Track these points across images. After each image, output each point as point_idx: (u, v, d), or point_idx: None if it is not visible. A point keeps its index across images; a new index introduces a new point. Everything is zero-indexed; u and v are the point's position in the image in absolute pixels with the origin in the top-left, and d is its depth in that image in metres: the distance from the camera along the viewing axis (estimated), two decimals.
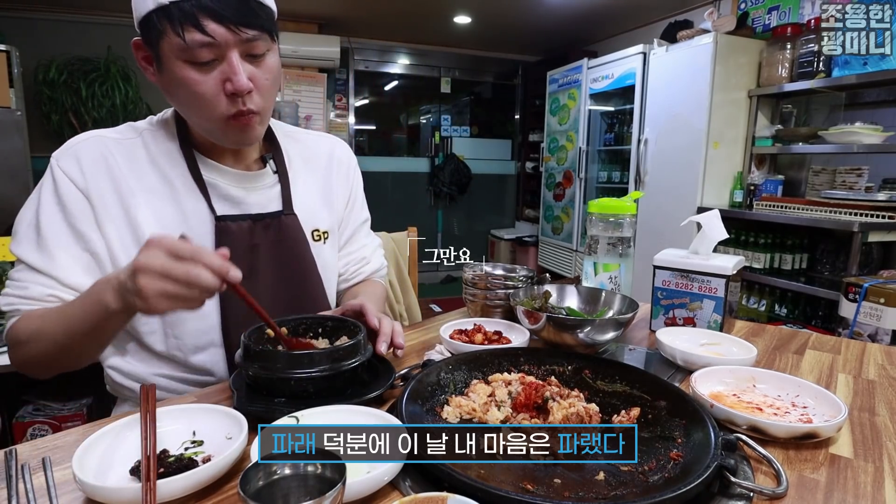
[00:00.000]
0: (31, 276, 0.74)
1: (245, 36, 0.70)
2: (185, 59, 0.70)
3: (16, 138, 3.32)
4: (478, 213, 5.77)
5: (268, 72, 0.76)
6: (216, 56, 0.70)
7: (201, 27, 0.67)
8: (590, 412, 0.60)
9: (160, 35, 0.69)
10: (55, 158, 0.78)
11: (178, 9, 0.67)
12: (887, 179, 2.45)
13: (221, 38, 0.69)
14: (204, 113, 0.74)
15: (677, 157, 3.19)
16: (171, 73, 0.72)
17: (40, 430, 1.60)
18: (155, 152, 0.82)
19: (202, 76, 0.71)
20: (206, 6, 0.67)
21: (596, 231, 1.05)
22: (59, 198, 0.76)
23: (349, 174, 1.02)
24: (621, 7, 3.94)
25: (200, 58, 0.70)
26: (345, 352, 0.66)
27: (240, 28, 0.69)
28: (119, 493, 0.46)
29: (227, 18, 0.68)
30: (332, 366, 0.65)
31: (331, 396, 0.65)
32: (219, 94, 0.72)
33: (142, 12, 0.70)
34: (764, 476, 0.53)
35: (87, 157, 0.78)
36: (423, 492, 0.45)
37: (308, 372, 0.63)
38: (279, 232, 0.86)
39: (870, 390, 0.77)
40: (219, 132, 0.77)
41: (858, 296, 2.05)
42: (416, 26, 4.59)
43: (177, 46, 0.69)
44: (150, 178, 0.80)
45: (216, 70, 0.71)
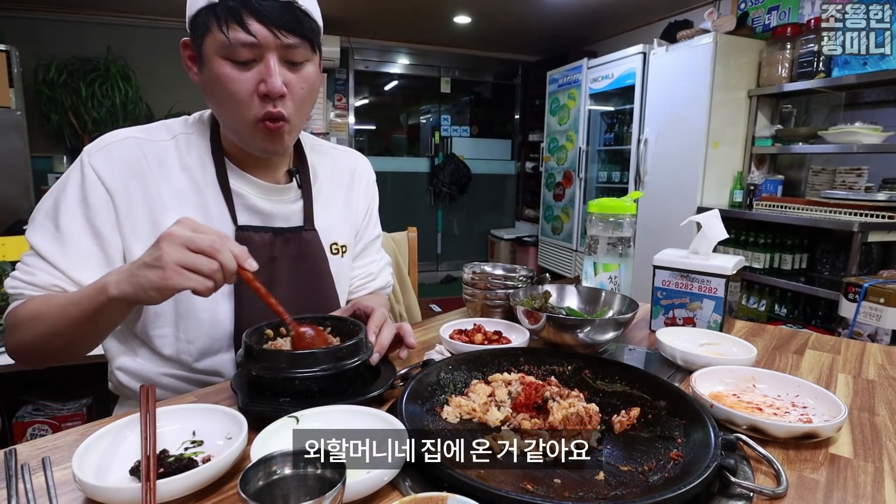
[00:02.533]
0: (41, 265, 0.75)
1: (286, 41, 0.72)
2: (225, 55, 0.72)
3: (16, 138, 3.32)
4: (478, 213, 5.77)
5: (304, 81, 0.77)
6: (255, 56, 0.72)
7: (245, 25, 0.69)
8: (590, 412, 0.60)
9: (206, 32, 0.72)
10: (87, 154, 0.78)
11: (226, 7, 0.69)
12: (887, 179, 2.45)
13: (263, 38, 0.70)
14: (236, 113, 0.75)
15: (677, 157, 3.20)
16: (211, 70, 0.73)
17: (40, 430, 1.60)
18: (186, 157, 0.83)
19: (239, 74, 0.72)
20: (253, 7, 0.69)
21: (596, 231, 1.05)
22: (84, 193, 0.76)
23: (368, 191, 1.04)
24: (621, 7, 3.94)
25: (240, 56, 0.71)
26: (347, 351, 0.67)
27: (282, 32, 0.71)
28: (119, 493, 0.46)
29: (270, 21, 0.70)
30: (335, 364, 0.65)
31: (333, 395, 0.65)
32: (252, 94, 0.73)
33: (192, 10, 0.73)
34: (764, 476, 0.53)
35: (120, 158, 0.78)
36: (423, 492, 0.45)
37: (310, 371, 0.63)
38: (299, 247, 0.87)
39: (870, 390, 0.77)
40: (248, 135, 0.78)
41: (858, 296, 2.05)
42: (416, 26, 4.59)
43: (219, 43, 0.71)
44: (180, 183, 0.81)
45: (253, 70, 0.73)
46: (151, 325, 0.80)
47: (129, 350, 0.85)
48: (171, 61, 4.43)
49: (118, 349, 0.86)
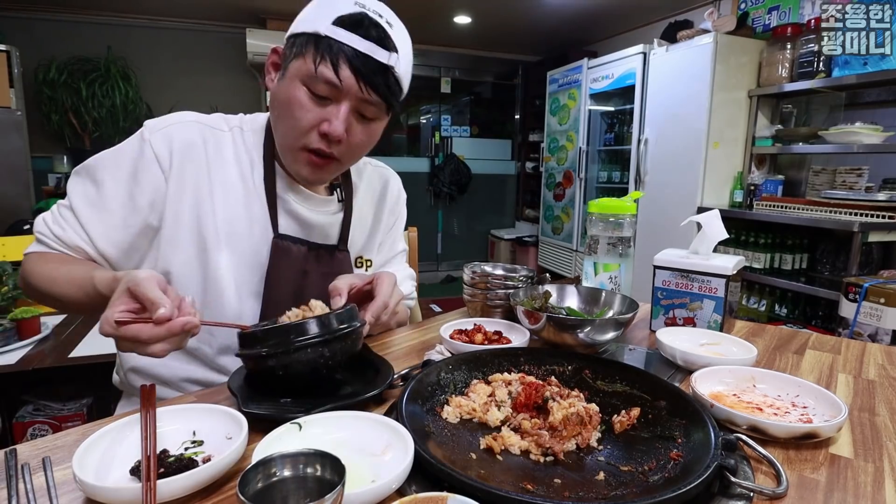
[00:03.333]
0: (73, 223, 0.78)
1: (365, 96, 0.74)
2: (305, 83, 0.74)
3: (16, 138, 3.32)
4: (478, 213, 5.77)
5: (366, 134, 0.79)
6: (332, 97, 0.74)
7: (336, 68, 0.71)
8: (590, 412, 0.60)
9: (300, 53, 0.73)
10: (149, 130, 0.80)
11: (328, 44, 0.71)
12: (887, 179, 2.45)
13: (346, 86, 0.72)
14: (292, 135, 0.77)
15: (677, 157, 3.20)
16: (287, 88, 0.75)
17: (40, 430, 1.60)
18: (240, 151, 0.85)
19: (310, 105, 0.74)
20: (351, 55, 0.71)
21: (596, 231, 1.05)
22: (136, 169, 0.78)
23: (396, 208, 1.06)
24: (621, 7, 3.94)
25: (318, 90, 0.73)
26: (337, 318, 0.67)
27: (367, 88, 0.73)
28: (119, 493, 0.46)
29: (361, 75, 0.72)
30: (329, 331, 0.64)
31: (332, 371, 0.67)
32: (314, 128, 0.75)
33: (298, 29, 0.75)
34: (764, 476, 0.53)
35: (180, 141, 0.80)
36: (423, 492, 0.45)
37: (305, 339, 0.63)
38: (330, 265, 0.89)
39: (870, 390, 0.77)
40: (292, 159, 0.80)
41: (858, 296, 2.05)
42: (416, 26, 4.59)
43: (306, 71, 0.73)
44: (231, 174, 0.83)
45: (324, 108, 0.75)
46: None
47: None
48: (172, 61, 4.43)
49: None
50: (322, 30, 0.71)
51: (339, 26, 0.71)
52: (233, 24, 4.44)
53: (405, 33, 0.80)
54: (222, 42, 4.54)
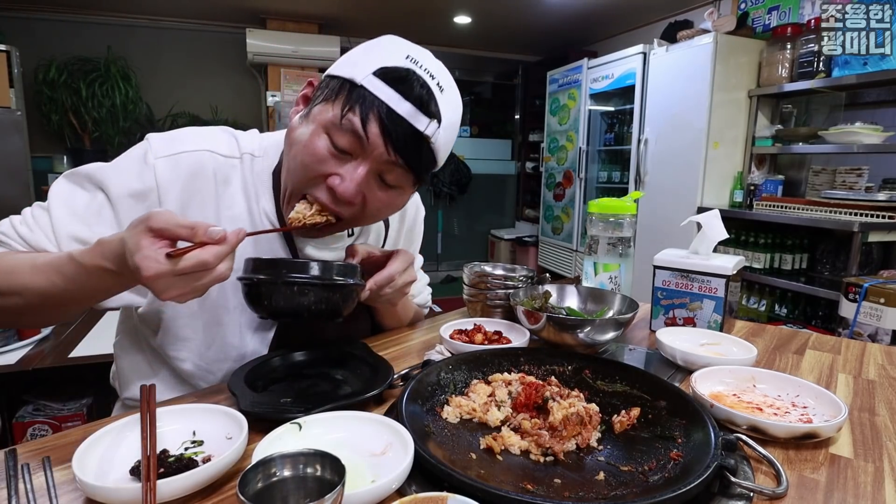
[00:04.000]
0: (46, 227, 0.69)
1: (390, 158, 0.66)
2: (327, 131, 0.66)
3: (16, 138, 3.32)
4: (478, 213, 5.77)
5: (384, 203, 0.72)
6: (352, 152, 0.66)
7: (365, 122, 0.64)
8: (590, 412, 0.60)
9: (328, 98, 0.67)
10: (154, 153, 0.72)
11: (361, 95, 0.64)
12: (887, 179, 2.45)
13: (371, 144, 0.65)
14: (298, 178, 0.70)
15: (677, 157, 3.20)
16: (307, 130, 0.68)
17: (40, 430, 1.59)
18: (248, 181, 0.78)
19: (326, 155, 0.67)
20: (384, 113, 0.64)
21: (596, 231, 1.05)
22: (132, 190, 0.71)
23: (415, 227, 1.02)
24: (621, 7, 3.94)
25: (340, 143, 0.66)
26: (340, 269, 0.70)
27: (395, 153, 0.65)
28: (119, 493, 0.46)
29: (391, 137, 0.64)
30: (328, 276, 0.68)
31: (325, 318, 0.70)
32: (324, 180, 0.68)
33: (339, 72, 0.67)
34: (764, 476, 0.53)
35: (187, 171, 0.73)
36: (423, 492, 0.45)
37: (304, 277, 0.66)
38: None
39: (870, 390, 0.77)
40: (291, 206, 0.72)
41: (858, 296, 2.05)
42: (416, 26, 4.59)
43: (331, 118, 0.66)
44: (238, 207, 0.77)
45: (341, 162, 0.67)
46: (172, 346, 0.78)
47: (144, 375, 0.82)
48: (172, 61, 4.44)
49: (133, 371, 0.83)
50: (360, 78, 0.64)
51: (380, 78, 0.64)
52: (233, 24, 4.44)
53: (457, 100, 0.73)
54: (222, 42, 4.54)
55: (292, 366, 0.77)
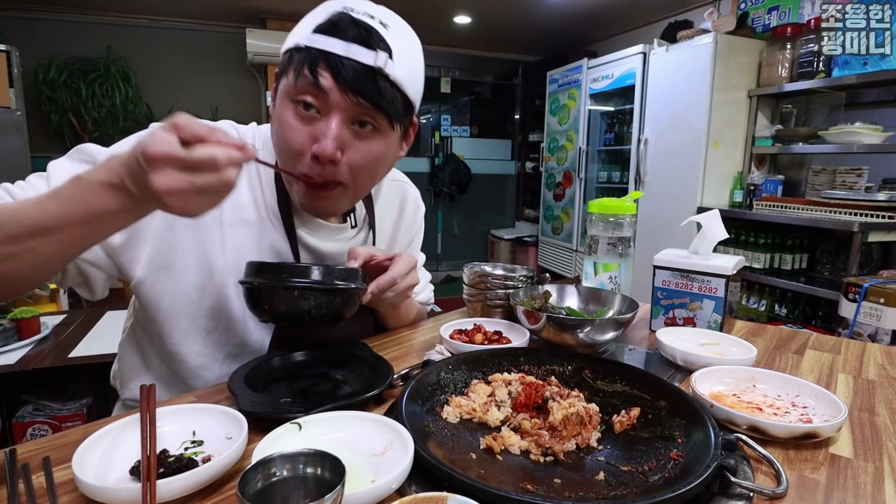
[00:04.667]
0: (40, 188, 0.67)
1: (352, 101, 0.66)
2: (291, 98, 0.68)
3: (16, 138, 3.32)
4: (478, 213, 5.77)
5: (367, 152, 0.71)
6: (320, 108, 0.67)
7: (316, 75, 0.65)
8: (590, 412, 0.60)
9: (284, 72, 0.69)
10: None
11: (308, 53, 0.66)
12: (887, 179, 2.45)
13: (329, 94, 0.66)
14: (287, 161, 0.71)
15: (677, 157, 3.20)
16: (277, 110, 0.71)
17: (40, 430, 1.60)
18: (252, 172, 0.79)
19: (298, 124, 0.68)
20: (333, 61, 0.65)
21: (596, 231, 1.05)
22: None
23: (414, 225, 1.03)
24: (621, 7, 3.94)
25: (304, 102, 0.67)
26: (341, 273, 0.71)
27: (353, 93, 0.65)
28: (119, 493, 0.46)
29: (343, 79, 0.65)
30: (329, 281, 0.69)
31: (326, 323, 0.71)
32: (306, 150, 0.68)
33: (284, 47, 0.71)
34: (764, 476, 0.53)
35: None
36: (423, 492, 0.45)
37: (305, 282, 0.67)
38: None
39: (870, 390, 0.77)
40: (293, 190, 0.74)
41: (858, 296, 2.05)
42: (416, 26, 4.52)
43: (289, 87, 0.68)
44: (244, 197, 0.78)
45: (313, 125, 0.68)
46: (175, 342, 0.78)
47: (146, 369, 0.83)
48: (172, 61, 4.44)
49: (134, 370, 0.84)
50: (302, 41, 0.66)
51: (318, 33, 0.66)
52: (233, 24, 4.44)
53: (409, 36, 0.73)
54: (222, 42, 4.54)
55: (292, 366, 0.77)
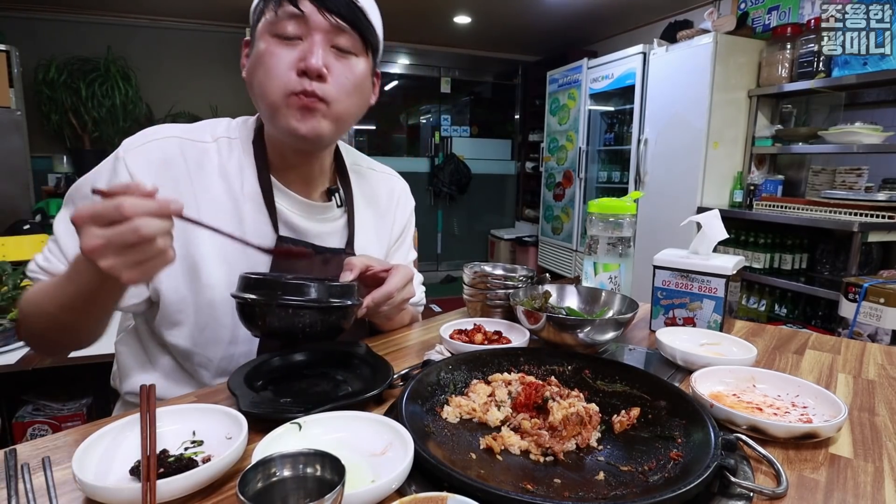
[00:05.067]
0: (59, 255, 0.74)
1: (333, 22, 0.71)
2: (272, 32, 0.72)
3: (16, 138, 3.32)
4: (478, 213, 5.77)
5: (349, 72, 0.75)
6: (301, 34, 0.72)
7: (295, 1, 0.70)
8: (590, 412, 0.60)
9: (261, 16, 0.73)
10: (124, 150, 0.76)
11: None
12: (887, 179, 2.45)
13: (310, 14, 0.71)
14: (271, 88, 0.73)
15: (677, 157, 3.20)
16: (257, 50, 0.74)
17: (40, 430, 1.60)
18: (226, 163, 0.80)
19: (282, 50, 0.72)
20: None
21: (596, 231, 1.05)
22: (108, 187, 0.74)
23: (404, 216, 1.03)
24: (621, 7, 3.94)
25: (286, 30, 0.71)
26: (338, 289, 0.71)
27: (331, 14, 0.71)
28: (119, 493, 0.46)
29: (322, 3, 0.71)
30: (328, 300, 0.69)
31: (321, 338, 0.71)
32: (291, 69, 0.72)
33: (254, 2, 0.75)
34: (764, 476, 0.53)
35: (158, 159, 0.76)
36: (423, 492, 0.45)
37: (300, 300, 0.67)
38: (338, 269, 0.83)
39: (870, 390, 0.77)
40: (280, 114, 0.74)
41: (858, 296, 2.05)
42: (416, 26, 4.59)
43: (269, 21, 0.72)
44: (216, 189, 0.79)
45: (297, 49, 0.72)
46: (168, 333, 0.79)
47: (143, 365, 0.83)
48: (172, 61, 4.44)
49: (133, 363, 0.84)
50: None
51: None
52: (233, 24, 4.44)
53: None
54: (222, 42, 4.54)
55: (292, 366, 0.77)
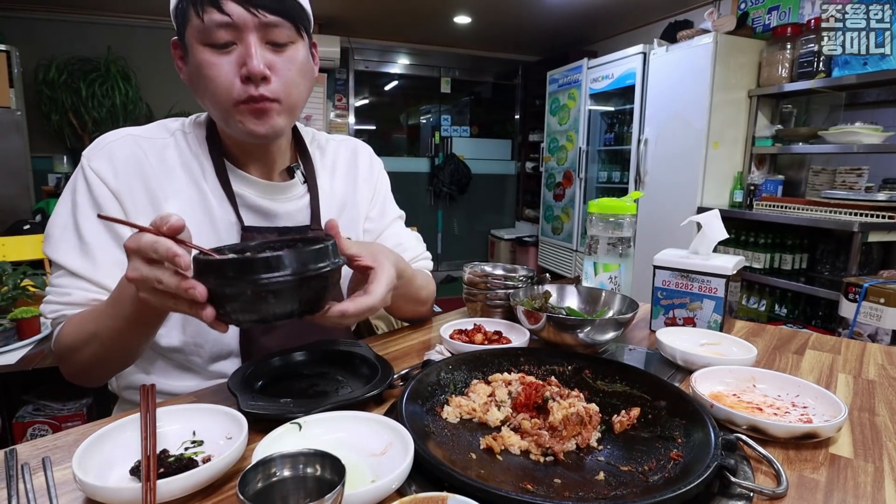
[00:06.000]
0: (74, 282, 0.73)
1: (264, 19, 0.69)
2: (203, 41, 0.70)
3: (16, 138, 3.32)
4: (478, 213, 5.77)
5: (290, 62, 0.74)
6: (234, 39, 0.70)
7: (219, 6, 0.67)
8: (590, 412, 0.60)
9: (186, 22, 0.70)
10: (86, 158, 0.76)
11: None
12: (887, 179, 2.45)
13: (239, 18, 0.68)
14: (220, 99, 0.72)
15: (677, 157, 3.20)
16: (193, 59, 0.72)
17: (40, 430, 1.60)
18: (186, 156, 0.81)
19: (219, 59, 0.70)
20: None
21: (596, 231, 1.05)
22: (94, 199, 0.75)
23: (371, 177, 1.00)
24: (621, 7, 3.94)
25: (218, 39, 0.69)
26: (311, 253, 0.55)
27: (259, 11, 0.69)
28: (119, 493, 0.46)
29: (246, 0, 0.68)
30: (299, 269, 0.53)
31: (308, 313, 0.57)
32: (234, 78, 0.71)
33: (173, 3, 0.72)
34: (764, 476, 0.53)
35: (120, 157, 0.77)
36: (423, 492, 0.45)
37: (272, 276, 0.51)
38: None
39: (870, 390, 0.77)
40: (233, 120, 0.74)
41: (858, 296, 2.05)
42: (416, 26, 4.59)
43: (197, 29, 0.69)
44: (180, 182, 0.79)
45: (234, 54, 0.70)
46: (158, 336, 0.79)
47: (141, 368, 0.83)
48: (172, 61, 4.41)
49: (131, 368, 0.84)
50: None
51: None
52: None
53: None
54: None
55: (292, 366, 0.77)
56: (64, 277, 0.74)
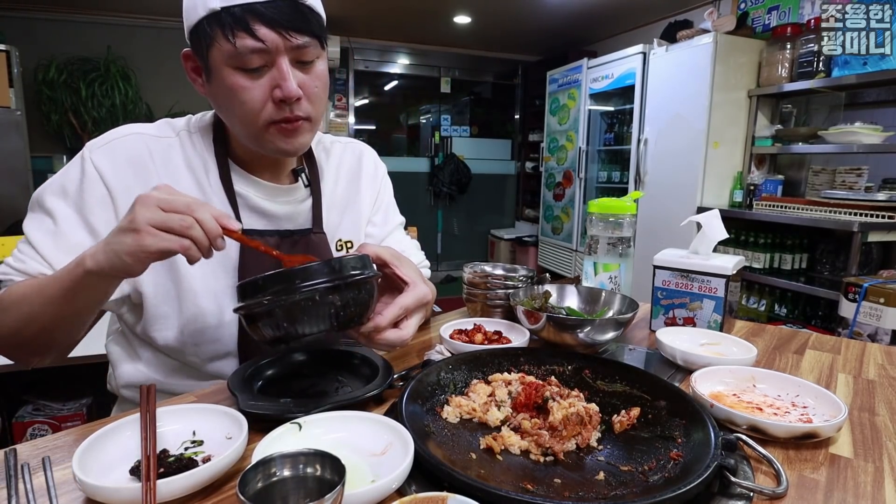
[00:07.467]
0: (33, 254, 0.73)
1: (296, 42, 0.69)
2: (234, 65, 0.69)
3: (16, 138, 3.32)
4: (478, 213, 5.77)
5: (317, 79, 0.75)
6: (266, 62, 0.69)
7: (252, 32, 0.66)
8: (590, 412, 0.60)
9: (210, 43, 0.69)
10: (89, 149, 0.76)
11: (230, 14, 0.66)
12: (887, 179, 2.45)
13: (272, 43, 0.68)
14: (250, 120, 0.73)
15: (677, 157, 3.20)
16: (221, 81, 0.71)
17: (40, 430, 1.60)
18: (190, 155, 0.81)
19: (251, 83, 0.70)
20: (258, 11, 0.66)
21: (596, 231, 1.05)
22: (82, 189, 0.75)
23: (375, 182, 1.01)
24: (621, 7, 3.94)
25: (250, 64, 0.69)
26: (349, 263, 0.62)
27: (291, 34, 0.68)
28: (119, 493, 0.46)
29: (278, 23, 0.67)
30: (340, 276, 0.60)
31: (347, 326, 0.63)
32: (267, 100, 0.71)
33: (193, 20, 0.70)
34: (764, 476, 0.53)
35: (124, 155, 0.77)
36: (423, 492, 0.45)
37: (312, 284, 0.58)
38: (307, 250, 0.84)
39: (870, 390, 0.77)
40: (264, 140, 0.75)
41: (858, 296, 2.05)
42: (416, 26, 4.59)
43: (227, 53, 0.68)
44: (184, 182, 0.80)
45: (265, 77, 0.70)
46: (153, 327, 0.79)
47: (132, 357, 0.83)
48: (172, 61, 4.42)
49: (120, 354, 0.84)
50: (213, 4, 0.66)
51: None
52: None
53: None
54: None
55: (292, 366, 0.77)
56: (26, 246, 0.74)
